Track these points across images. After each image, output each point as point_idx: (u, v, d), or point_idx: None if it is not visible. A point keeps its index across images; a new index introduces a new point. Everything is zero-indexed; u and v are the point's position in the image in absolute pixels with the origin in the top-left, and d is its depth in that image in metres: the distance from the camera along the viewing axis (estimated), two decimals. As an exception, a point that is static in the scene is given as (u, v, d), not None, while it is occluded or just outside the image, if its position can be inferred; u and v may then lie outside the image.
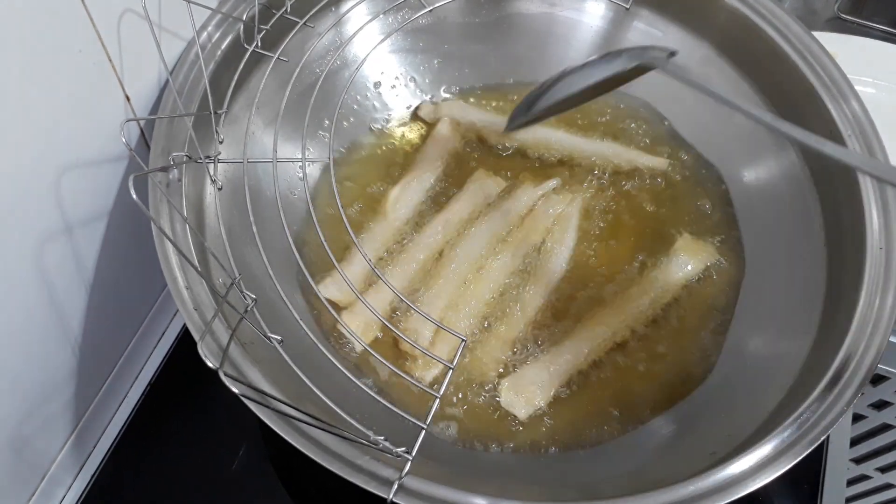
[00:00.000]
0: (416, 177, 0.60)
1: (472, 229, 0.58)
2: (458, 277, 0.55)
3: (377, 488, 0.36)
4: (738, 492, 0.38)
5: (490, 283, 0.55)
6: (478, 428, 0.50)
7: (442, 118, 0.63)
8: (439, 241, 0.57)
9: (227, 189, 0.49)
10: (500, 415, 0.51)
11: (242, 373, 0.40)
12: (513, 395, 0.51)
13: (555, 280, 0.56)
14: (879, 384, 0.68)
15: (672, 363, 0.53)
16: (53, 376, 0.48)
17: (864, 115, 0.51)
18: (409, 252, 0.56)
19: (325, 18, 0.58)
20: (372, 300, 0.52)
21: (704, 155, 0.62)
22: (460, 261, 0.56)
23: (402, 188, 0.59)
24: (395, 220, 0.57)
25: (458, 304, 0.54)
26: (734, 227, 0.59)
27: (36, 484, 0.50)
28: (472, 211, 0.59)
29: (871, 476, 0.80)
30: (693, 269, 0.56)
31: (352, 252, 0.56)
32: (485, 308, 0.55)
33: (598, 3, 0.64)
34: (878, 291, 0.45)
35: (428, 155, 0.61)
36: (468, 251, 0.56)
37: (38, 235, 0.42)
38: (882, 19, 0.81)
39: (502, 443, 0.50)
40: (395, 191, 0.58)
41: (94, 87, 0.44)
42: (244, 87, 0.53)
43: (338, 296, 0.53)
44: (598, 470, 0.49)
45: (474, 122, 0.63)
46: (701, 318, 0.55)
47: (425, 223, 0.58)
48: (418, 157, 0.61)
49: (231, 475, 0.53)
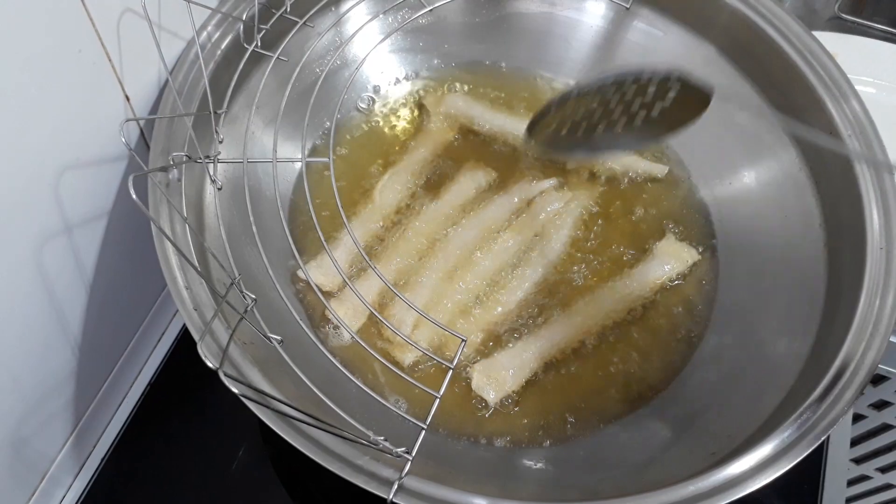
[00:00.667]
0: (404, 165, 0.60)
1: (464, 221, 0.58)
2: (447, 268, 0.56)
3: (377, 488, 0.36)
4: (738, 492, 0.38)
5: (479, 276, 0.56)
6: (454, 413, 0.50)
7: (435, 113, 0.63)
8: (431, 229, 0.57)
9: (226, 189, 0.49)
10: (474, 401, 0.51)
11: (242, 373, 0.40)
12: (484, 379, 0.51)
13: (542, 275, 0.56)
14: (879, 384, 0.68)
15: (656, 359, 0.54)
16: (53, 376, 0.48)
17: (864, 115, 0.51)
18: (399, 240, 0.57)
19: (324, 18, 0.58)
20: (359, 288, 0.52)
21: (703, 155, 0.62)
22: (450, 252, 0.56)
23: (390, 175, 0.59)
24: (383, 207, 0.58)
25: (444, 294, 0.54)
26: (734, 226, 0.59)
27: (36, 484, 0.50)
28: (463, 200, 0.59)
29: (871, 476, 0.80)
30: (672, 269, 0.57)
31: (340, 236, 0.56)
32: (471, 298, 0.55)
33: (598, 3, 0.64)
34: (878, 291, 0.45)
35: (418, 145, 0.61)
36: (459, 243, 0.57)
37: (38, 235, 0.42)
38: (882, 19, 0.81)
39: (476, 434, 0.50)
40: (384, 178, 0.59)
41: (94, 87, 0.44)
42: (244, 87, 0.53)
43: (323, 280, 0.54)
44: (598, 470, 0.48)
45: (474, 117, 0.63)
46: (694, 318, 0.55)
47: (416, 212, 0.58)
48: (409, 146, 0.61)
49: (231, 475, 0.53)
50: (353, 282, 0.54)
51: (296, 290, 0.54)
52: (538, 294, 0.56)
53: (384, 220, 0.58)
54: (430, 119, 0.63)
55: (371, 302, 0.53)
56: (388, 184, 0.59)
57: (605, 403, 0.52)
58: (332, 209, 0.56)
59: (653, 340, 0.55)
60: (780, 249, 0.55)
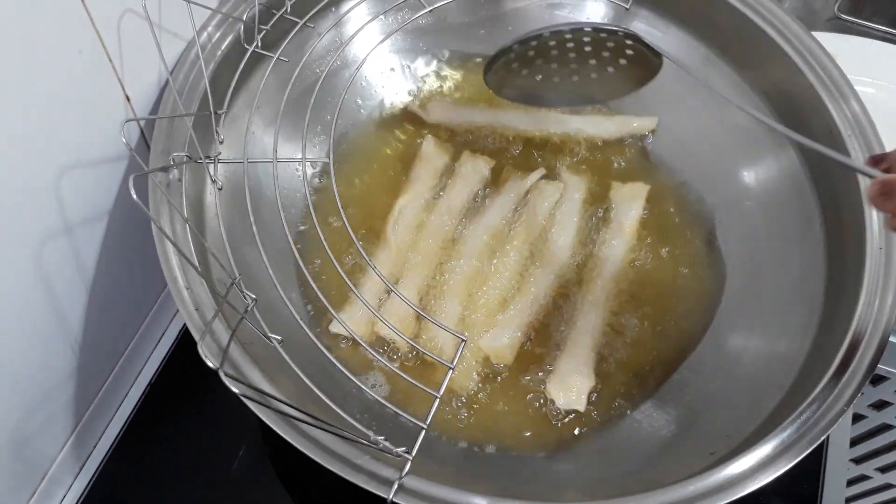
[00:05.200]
0: (410, 199, 0.59)
1: (467, 231, 0.58)
2: (465, 284, 0.55)
3: (377, 488, 0.36)
4: (738, 492, 0.38)
5: (495, 280, 0.56)
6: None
7: (427, 137, 0.62)
8: (448, 230, 0.58)
9: (227, 189, 0.49)
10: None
11: (242, 373, 0.40)
12: (562, 392, 0.51)
13: (560, 267, 0.57)
14: (879, 384, 0.68)
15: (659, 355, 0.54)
16: (53, 376, 0.48)
17: (864, 115, 0.51)
18: (415, 258, 0.56)
19: (325, 19, 0.58)
20: (384, 314, 0.53)
21: (703, 156, 0.62)
22: (462, 267, 0.56)
23: (399, 211, 0.58)
24: (397, 245, 0.57)
25: (471, 310, 0.55)
26: (733, 226, 0.59)
27: (36, 484, 0.50)
28: (469, 193, 0.60)
29: (871, 476, 0.80)
30: (637, 210, 0.59)
31: (362, 272, 0.56)
32: (495, 303, 0.55)
33: (598, 3, 0.64)
34: (878, 291, 0.45)
35: (420, 174, 0.61)
36: (470, 256, 0.56)
37: (38, 235, 0.42)
38: (882, 19, 0.80)
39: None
40: (393, 213, 0.58)
41: (94, 88, 0.44)
42: (244, 87, 0.53)
43: (355, 328, 0.53)
44: (598, 470, 0.49)
45: (463, 122, 0.63)
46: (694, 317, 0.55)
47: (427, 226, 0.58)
48: (411, 176, 0.61)
49: (231, 475, 0.53)
50: (380, 310, 0.54)
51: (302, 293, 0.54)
52: (561, 288, 0.56)
53: (399, 260, 0.57)
54: (420, 148, 0.62)
55: (403, 325, 0.54)
56: (398, 219, 0.58)
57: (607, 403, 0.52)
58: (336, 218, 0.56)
59: (653, 340, 0.55)
60: (780, 249, 0.55)
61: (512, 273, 0.56)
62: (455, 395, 0.52)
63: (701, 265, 0.58)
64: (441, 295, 0.55)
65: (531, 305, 0.55)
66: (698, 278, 0.57)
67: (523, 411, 0.52)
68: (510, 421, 0.51)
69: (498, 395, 0.52)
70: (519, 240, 0.58)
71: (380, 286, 0.55)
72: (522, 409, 0.52)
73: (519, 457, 0.50)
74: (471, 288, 0.56)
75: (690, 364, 0.53)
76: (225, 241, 0.42)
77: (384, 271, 0.56)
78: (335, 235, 0.56)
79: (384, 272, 0.56)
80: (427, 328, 0.54)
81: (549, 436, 0.51)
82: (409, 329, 0.54)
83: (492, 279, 0.56)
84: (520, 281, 0.56)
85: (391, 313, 0.53)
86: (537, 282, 0.56)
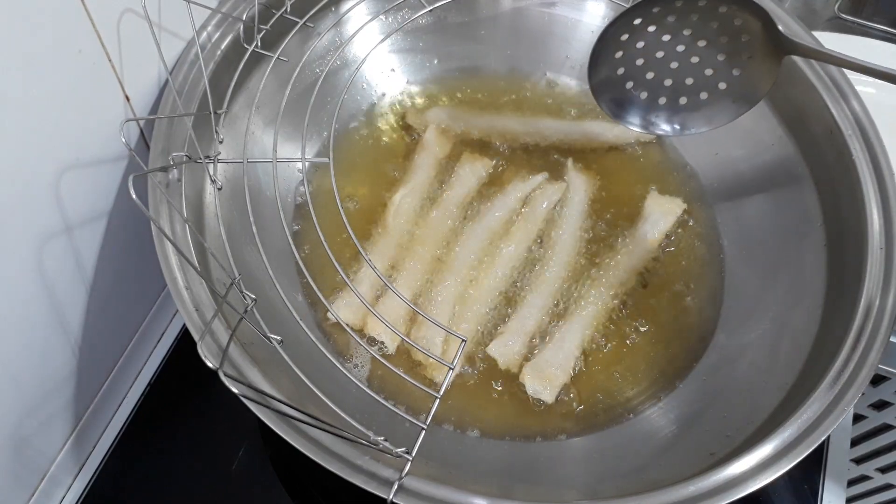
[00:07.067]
0: (410, 188, 0.59)
1: (468, 230, 0.58)
2: (463, 283, 0.55)
3: (377, 488, 0.36)
4: (738, 492, 0.38)
5: (494, 280, 0.56)
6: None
7: (429, 127, 0.62)
8: (444, 232, 0.58)
9: (226, 189, 0.49)
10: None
11: (242, 373, 0.40)
12: (536, 380, 0.51)
13: (559, 270, 0.56)
14: (879, 384, 0.68)
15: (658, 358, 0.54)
16: (53, 376, 0.48)
17: (864, 115, 0.51)
18: (414, 252, 0.56)
19: (325, 18, 0.58)
20: (381, 309, 0.53)
21: (703, 156, 0.62)
22: (461, 265, 0.56)
23: (400, 199, 0.58)
24: (397, 232, 0.57)
25: (465, 303, 0.54)
26: (733, 226, 0.59)
27: (36, 484, 0.50)
28: (466, 193, 0.60)
29: (871, 476, 0.80)
30: (666, 224, 0.58)
31: (359, 264, 0.56)
32: (492, 304, 0.55)
33: (598, 3, 0.64)
34: (878, 291, 0.45)
35: (419, 164, 0.61)
36: (466, 252, 0.56)
37: (38, 235, 0.42)
38: (882, 19, 0.81)
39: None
40: (395, 201, 0.58)
41: (94, 88, 0.44)
42: (244, 87, 0.53)
43: (351, 317, 0.53)
44: (598, 470, 0.48)
45: (461, 128, 0.63)
46: (693, 317, 0.55)
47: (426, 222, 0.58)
48: (410, 166, 0.61)
49: (231, 475, 0.53)
50: (375, 304, 0.54)
51: (303, 293, 0.54)
52: (560, 286, 0.56)
53: (399, 247, 0.57)
54: (423, 132, 0.62)
55: (397, 322, 0.54)
56: (399, 206, 0.58)
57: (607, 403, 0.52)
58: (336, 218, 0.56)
59: (652, 341, 0.55)
60: (780, 249, 0.55)
61: (513, 274, 0.56)
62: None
63: (701, 265, 0.58)
64: (438, 294, 0.55)
65: (539, 310, 0.54)
66: (698, 278, 0.57)
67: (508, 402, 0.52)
68: (492, 410, 0.51)
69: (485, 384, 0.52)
70: (520, 240, 0.58)
71: (377, 283, 0.55)
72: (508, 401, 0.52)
73: (519, 456, 0.50)
74: (470, 288, 0.55)
75: (690, 364, 0.53)
76: (224, 241, 0.42)
77: (384, 261, 0.56)
78: (335, 235, 0.56)
79: (384, 262, 0.56)
80: (420, 327, 0.54)
81: (534, 427, 0.51)
82: (403, 327, 0.54)
83: (492, 279, 0.56)
84: (524, 284, 0.56)
85: (388, 311, 0.53)
86: (543, 285, 0.55)
